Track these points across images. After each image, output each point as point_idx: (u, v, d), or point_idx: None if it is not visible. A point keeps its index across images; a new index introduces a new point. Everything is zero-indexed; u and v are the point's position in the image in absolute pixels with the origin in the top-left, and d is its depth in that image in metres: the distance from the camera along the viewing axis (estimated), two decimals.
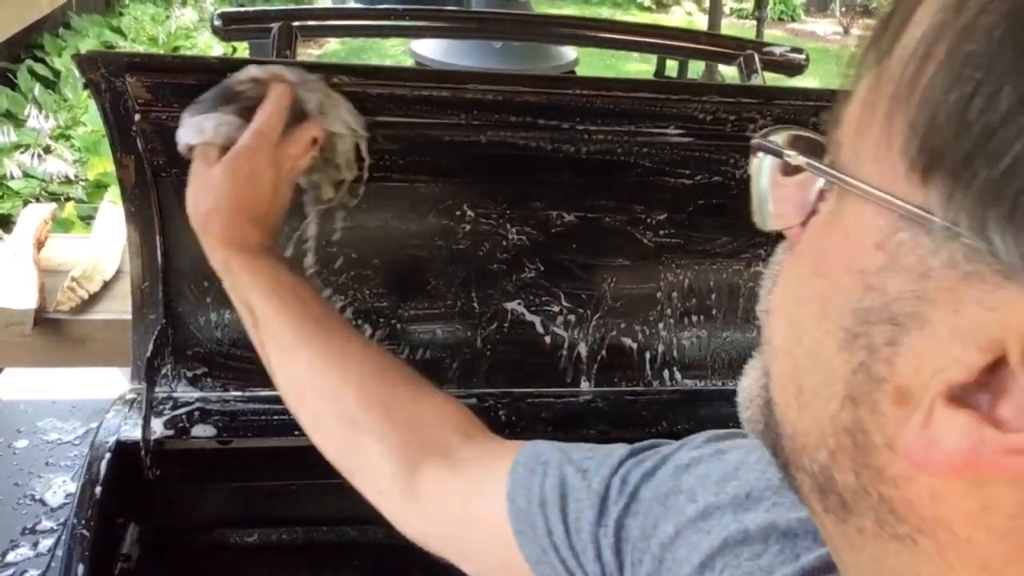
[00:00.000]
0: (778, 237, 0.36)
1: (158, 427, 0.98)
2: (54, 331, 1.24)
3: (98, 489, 0.89)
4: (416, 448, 0.67)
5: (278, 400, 1.05)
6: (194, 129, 0.79)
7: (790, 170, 0.33)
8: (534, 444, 0.63)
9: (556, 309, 1.12)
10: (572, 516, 0.55)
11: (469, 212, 1.06)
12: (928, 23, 0.26)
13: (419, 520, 0.67)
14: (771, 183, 0.34)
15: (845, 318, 0.28)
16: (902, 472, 0.27)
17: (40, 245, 1.43)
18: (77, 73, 0.87)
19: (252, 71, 0.80)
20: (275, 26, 1.06)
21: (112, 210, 1.54)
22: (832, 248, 0.29)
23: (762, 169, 0.35)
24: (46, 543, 0.97)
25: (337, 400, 0.72)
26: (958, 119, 0.24)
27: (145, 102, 0.88)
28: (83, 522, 0.87)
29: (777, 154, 0.33)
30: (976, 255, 0.24)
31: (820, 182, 0.31)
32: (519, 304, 1.11)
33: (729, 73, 1.40)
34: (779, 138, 0.34)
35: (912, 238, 0.26)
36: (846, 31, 10.13)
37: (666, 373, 1.16)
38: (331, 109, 0.83)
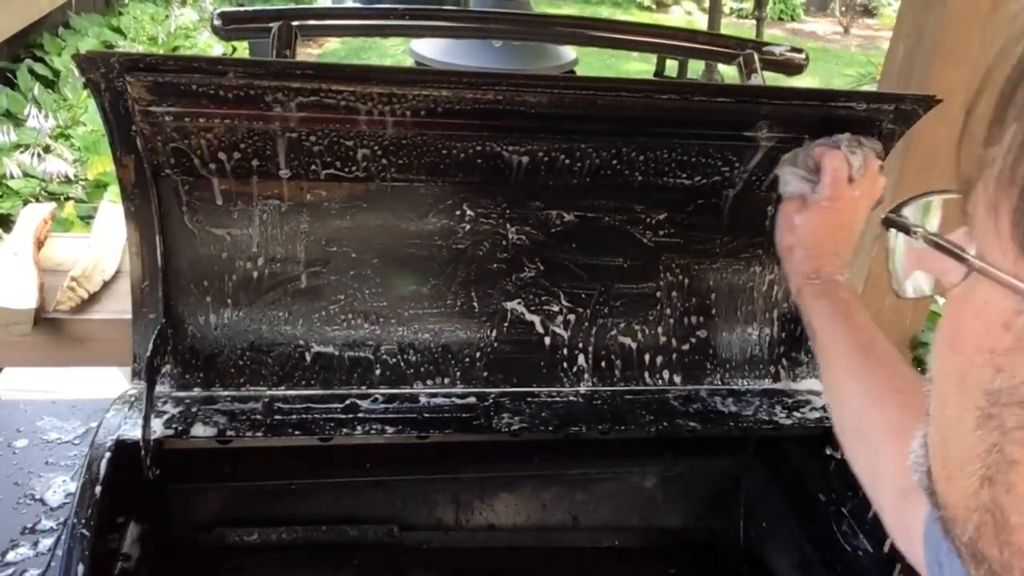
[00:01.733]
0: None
1: (158, 427, 0.97)
2: (54, 331, 1.24)
3: (98, 489, 0.89)
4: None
5: (277, 400, 1.06)
6: (782, 180, 1.01)
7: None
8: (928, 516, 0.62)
9: (556, 308, 1.12)
10: None
11: (469, 212, 1.06)
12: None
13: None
14: (910, 252, 0.35)
15: (979, 397, 0.29)
16: None
17: (40, 244, 1.43)
18: (77, 73, 0.87)
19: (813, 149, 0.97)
20: (275, 26, 1.06)
21: (112, 210, 1.54)
22: (965, 325, 0.30)
23: (898, 243, 0.35)
24: (46, 542, 0.97)
25: (858, 417, 0.79)
26: None
27: (145, 102, 0.88)
28: (83, 521, 0.87)
29: (905, 230, 0.34)
30: None
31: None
32: (519, 303, 1.11)
33: (729, 73, 1.40)
34: (918, 207, 0.34)
35: None
36: (846, 31, 10.12)
37: (665, 373, 1.16)
38: (869, 162, 0.96)
